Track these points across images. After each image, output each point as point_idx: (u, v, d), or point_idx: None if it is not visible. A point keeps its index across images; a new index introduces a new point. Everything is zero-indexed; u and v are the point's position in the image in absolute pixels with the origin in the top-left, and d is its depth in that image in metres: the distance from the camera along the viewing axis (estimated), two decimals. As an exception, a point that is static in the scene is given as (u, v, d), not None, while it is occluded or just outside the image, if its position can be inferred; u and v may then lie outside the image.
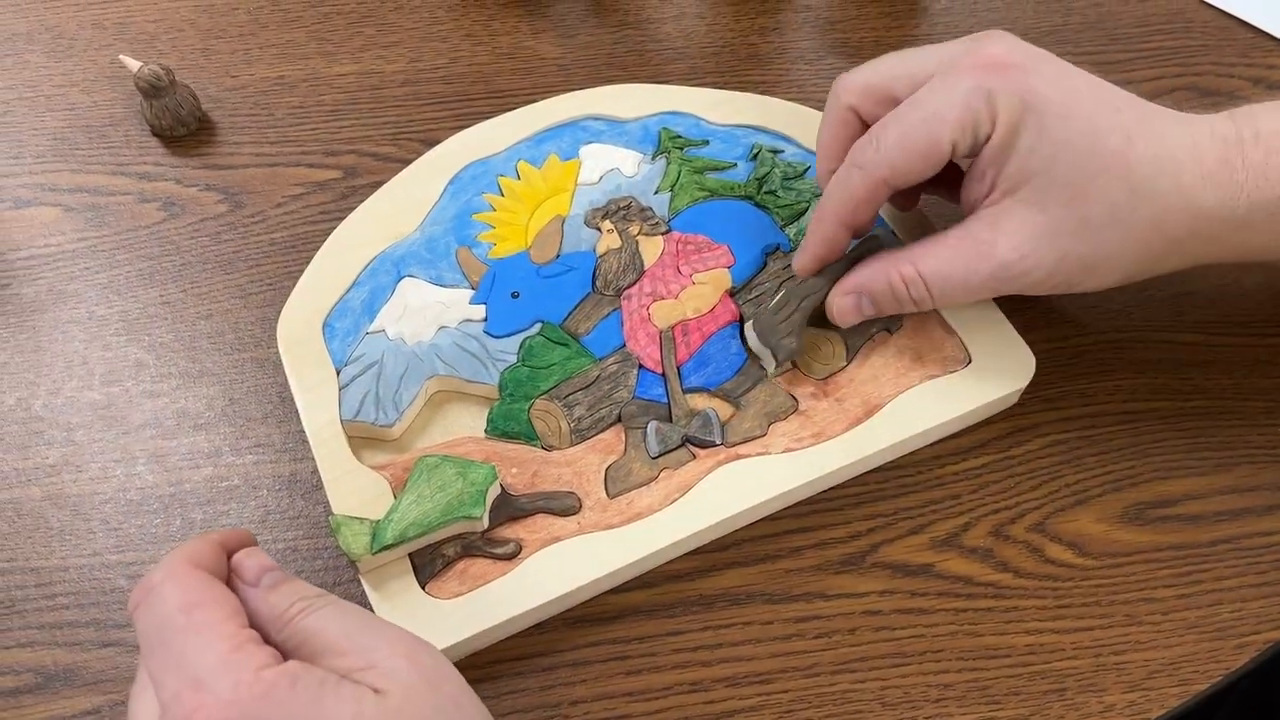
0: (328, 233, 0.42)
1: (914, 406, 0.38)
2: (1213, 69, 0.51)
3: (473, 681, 0.34)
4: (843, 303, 0.38)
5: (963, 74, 0.34)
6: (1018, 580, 0.36)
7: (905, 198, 0.41)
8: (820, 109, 0.40)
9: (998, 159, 0.34)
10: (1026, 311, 0.42)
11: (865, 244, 0.39)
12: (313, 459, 0.37)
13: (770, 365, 0.38)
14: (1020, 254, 0.35)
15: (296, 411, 0.38)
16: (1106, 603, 0.36)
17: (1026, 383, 0.39)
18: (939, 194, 0.41)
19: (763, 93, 0.48)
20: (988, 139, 0.34)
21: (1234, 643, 0.35)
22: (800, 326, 0.38)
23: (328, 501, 0.36)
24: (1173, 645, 0.35)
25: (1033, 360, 0.39)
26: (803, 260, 0.38)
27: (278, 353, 0.39)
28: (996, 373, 0.39)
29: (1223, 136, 0.34)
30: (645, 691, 0.34)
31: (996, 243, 0.35)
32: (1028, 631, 0.35)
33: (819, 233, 0.37)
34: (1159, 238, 0.35)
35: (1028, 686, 0.34)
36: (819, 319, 0.39)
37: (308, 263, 0.41)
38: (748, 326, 0.38)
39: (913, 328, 0.40)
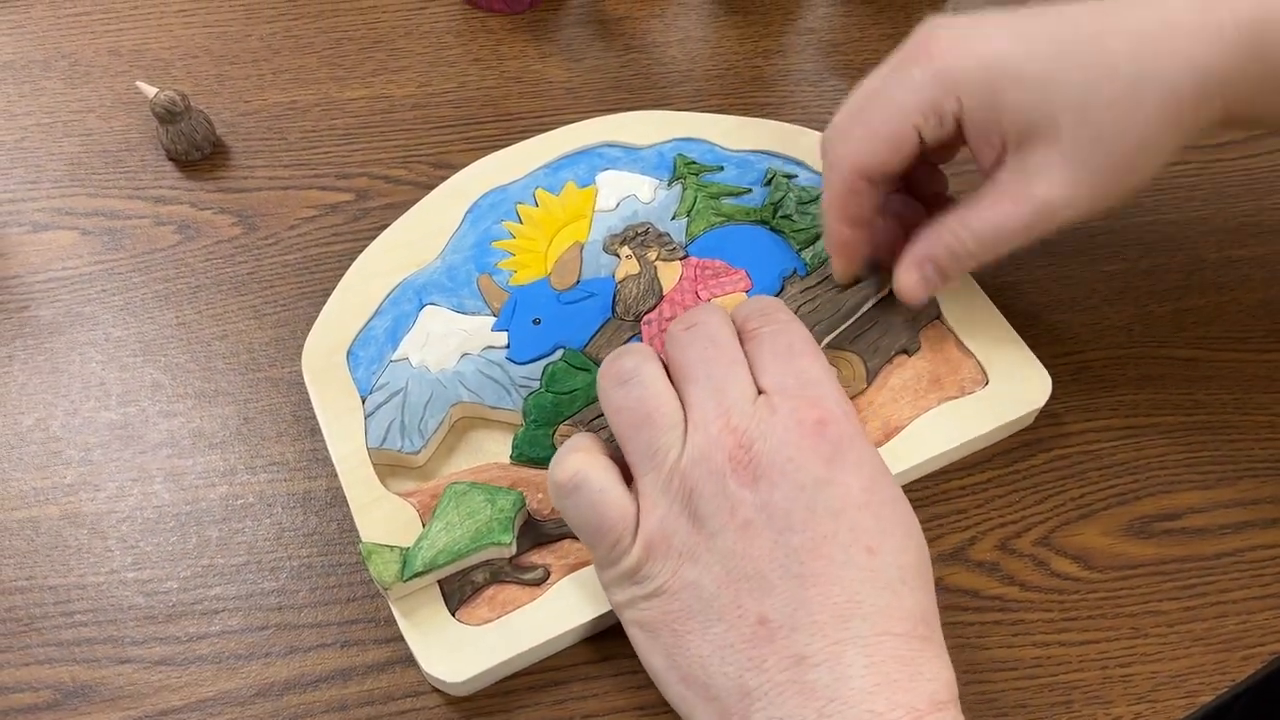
0: (340, 254, 0.42)
1: (933, 428, 0.38)
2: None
3: (487, 696, 0.34)
4: (910, 278, 0.38)
5: (915, 63, 0.35)
6: (1024, 593, 0.37)
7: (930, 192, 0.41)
8: (825, 129, 0.40)
9: (991, 121, 0.34)
10: (1030, 328, 0.42)
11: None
12: (326, 477, 0.38)
13: None
14: (1056, 188, 0.35)
15: (310, 430, 0.38)
16: (1112, 615, 0.36)
17: (1043, 403, 0.39)
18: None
19: (767, 114, 0.49)
20: (956, 116, 0.35)
21: (1239, 655, 0.35)
22: None
23: (341, 519, 0.37)
24: (1179, 657, 0.35)
25: (1049, 380, 0.39)
26: (836, 268, 0.40)
27: (291, 372, 0.40)
28: (1013, 393, 0.39)
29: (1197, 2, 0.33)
30: (655, 706, 0.34)
31: (1028, 184, 0.35)
32: (1034, 644, 0.36)
33: (833, 234, 0.38)
34: (1173, 112, 0.34)
35: (1035, 699, 0.34)
36: (835, 341, 0.40)
37: (321, 284, 0.41)
38: None
39: (930, 349, 0.40)
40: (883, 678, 0.27)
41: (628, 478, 0.32)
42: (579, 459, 0.32)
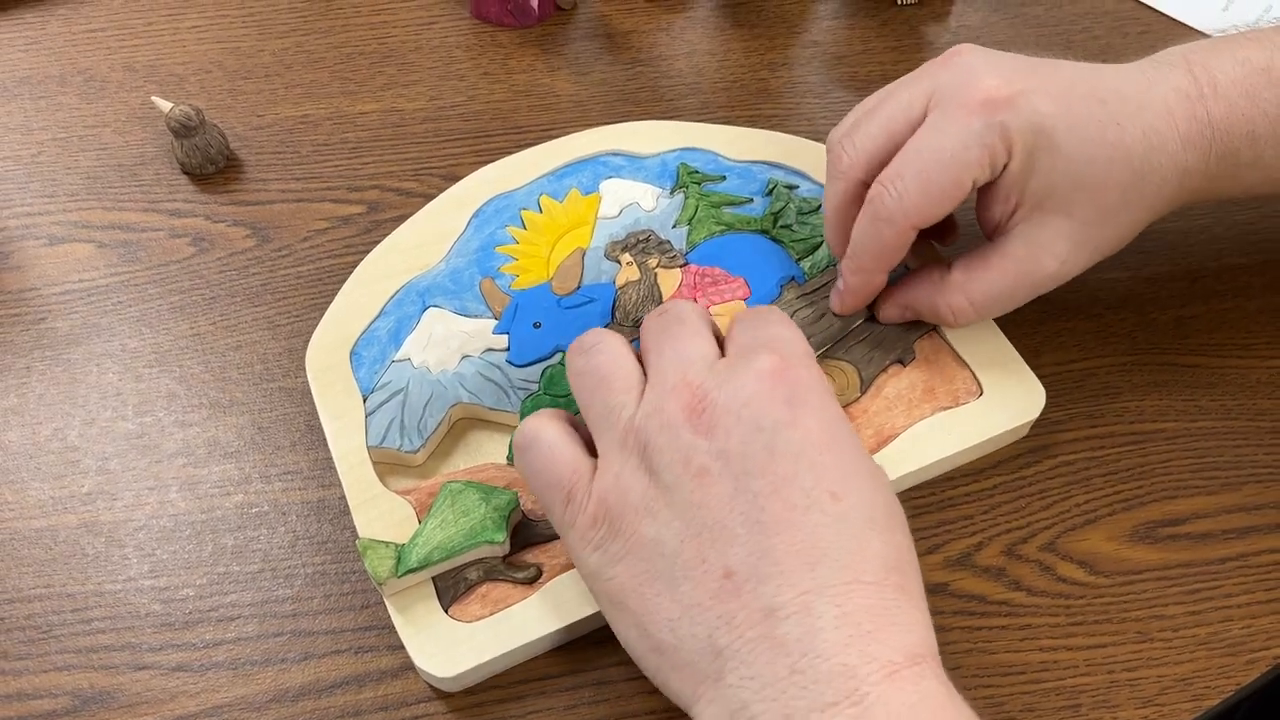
0: (352, 266, 0.43)
1: (926, 438, 0.39)
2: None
3: (499, 701, 0.35)
4: (889, 312, 0.40)
5: (971, 113, 0.35)
6: (1031, 598, 0.37)
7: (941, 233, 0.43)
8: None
9: (1020, 181, 0.36)
10: (1034, 336, 0.43)
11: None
12: (339, 485, 0.38)
13: None
14: (1061, 260, 0.37)
15: (323, 439, 0.39)
16: (1118, 620, 0.36)
17: (1036, 415, 0.39)
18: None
19: (773, 126, 0.49)
20: (1005, 168, 0.36)
21: (1245, 658, 0.36)
22: None
23: (354, 526, 0.37)
24: (1184, 661, 0.36)
25: (1043, 393, 0.40)
26: (846, 305, 0.40)
27: (305, 382, 0.40)
28: (1007, 405, 0.39)
29: (1186, 93, 0.36)
30: (666, 710, 0.34)
31: (1038, 258, 0.37)
32: (1041, 649, 0.36)
33: (863, 281, 0.39)
34: (1159, 202, 0.38)
35: (1042, 703, 0.35)
36: (830, 351, 0.40)
37: (333, 295, 0.42)
38: None
39: (925, 360, 0.41)
40: (855, 629, 0.26)
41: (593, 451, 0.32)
42: (536, 420, 0.32)
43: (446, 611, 0.35)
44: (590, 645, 0.36)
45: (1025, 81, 0.35)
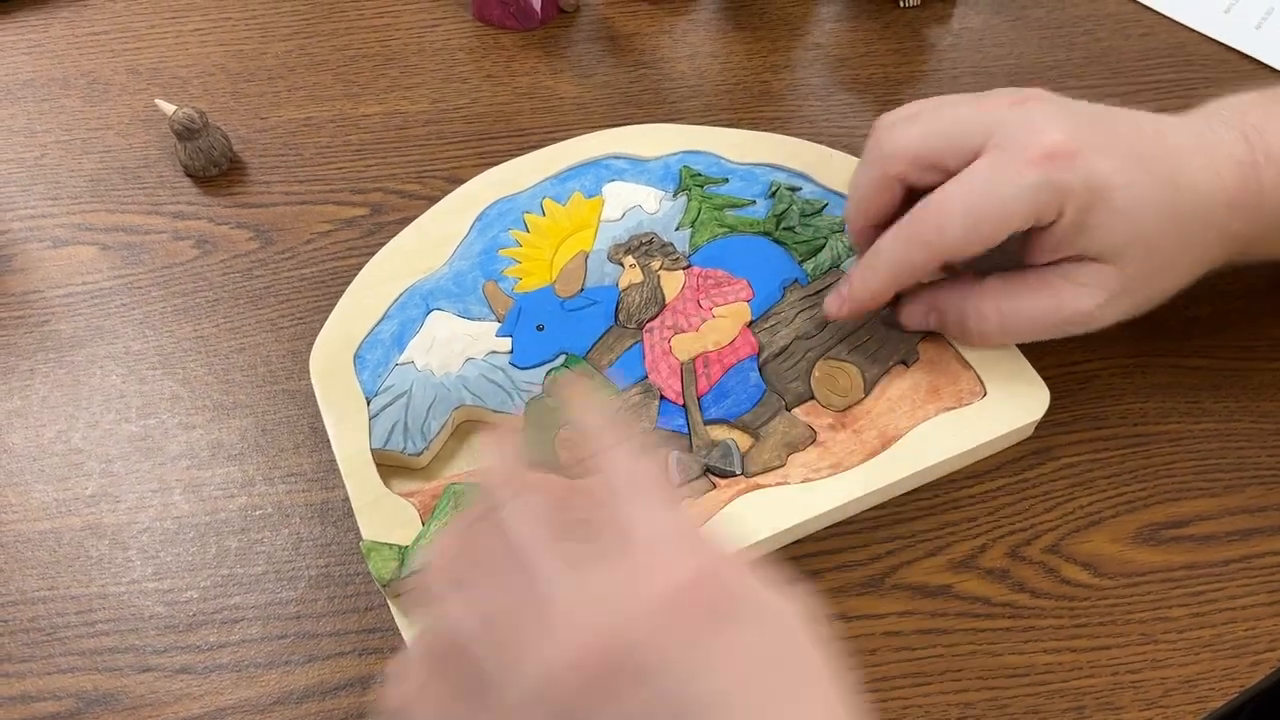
0: (355, 268, 0.43)
1: (930, 438, 0.38)
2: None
3: (503, 703, 0.35)
4: (913, 309, 0.40)
5: (1029, 164, 0.35)
6: (1035, 600, 0.37)
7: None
8: (832, 144, 0.41)
9: (1071, 235, 0.36)
10: (1037, 338, 0.43)
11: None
12: (343, 487, 0.38)
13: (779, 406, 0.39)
14: (1098, 304, 0.37)
15: (327, 441, 0.39)
16: (1122, 622, 0.36)
17: (1040, 416, 0.39)
18: None
19: (776, 128, 0.49)
20: (1052, 222, 0.36)
21: (1249, 660, 0.36)
22: (806, 373, 0.40)
23: (358, 529, 0.37)
24: (1188, 663, 0.36)
25: (1047, 394, 0.40)
26: (844, 312, 0.39)
27: (308, 384, 0.40)
28: (1011, 406, 0.39)
29: (1238, 160, 0.37)
30: (671, 712, 0.35)
31: (1076, 294, 0.37)
32: (1045, 651, 0.36)
33: (873, 292, 0.38)
34: (1200, 266, 0.38)
35: (1046, 705, 0.35)
36: (837, 352, 0.40)
37: (336, 297, 0.42)
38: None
39: (929, 361, 0.41)
40: None
41: None
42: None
43: None
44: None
45: (1087, 139, 0.35)
